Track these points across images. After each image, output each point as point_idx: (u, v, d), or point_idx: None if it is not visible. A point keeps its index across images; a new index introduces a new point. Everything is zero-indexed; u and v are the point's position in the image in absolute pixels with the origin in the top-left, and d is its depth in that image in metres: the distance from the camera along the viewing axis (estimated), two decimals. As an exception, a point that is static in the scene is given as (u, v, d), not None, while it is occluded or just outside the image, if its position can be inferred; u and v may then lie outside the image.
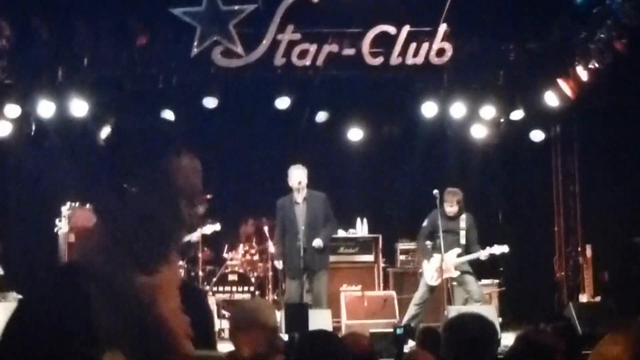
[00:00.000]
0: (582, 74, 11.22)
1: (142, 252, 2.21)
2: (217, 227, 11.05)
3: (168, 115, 11.64)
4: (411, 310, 10.55)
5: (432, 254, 10.46)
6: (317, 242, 10.27)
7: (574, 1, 11.33)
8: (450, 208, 10.38)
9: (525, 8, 11.30)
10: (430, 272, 10.46)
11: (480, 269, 11.01)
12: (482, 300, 10.46)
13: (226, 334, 9.23)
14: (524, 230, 12.35)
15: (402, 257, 12.25)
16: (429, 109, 11.79)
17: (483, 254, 10.35)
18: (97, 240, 2.16)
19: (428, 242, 10.69)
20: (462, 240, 10.43)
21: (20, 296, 10.67)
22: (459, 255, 10.41)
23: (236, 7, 10.98)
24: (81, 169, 11.79)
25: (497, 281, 11.88)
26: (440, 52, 11.18)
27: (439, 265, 10.24)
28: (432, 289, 10.51)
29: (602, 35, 10.84)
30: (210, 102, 11.48)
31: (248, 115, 12.15)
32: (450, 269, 10.35)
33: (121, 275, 2.18)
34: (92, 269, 2.17)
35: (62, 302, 2.17)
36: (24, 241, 11.82)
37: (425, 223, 10.63)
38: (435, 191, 10.34)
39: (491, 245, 10.41)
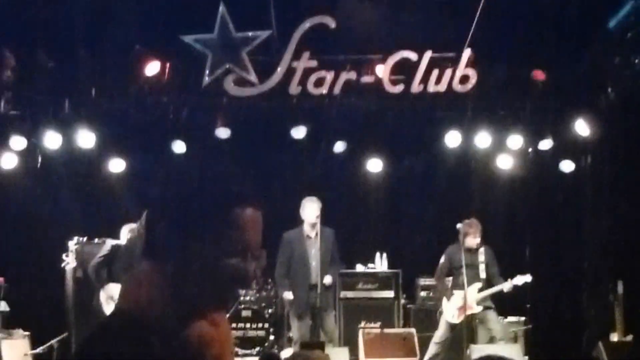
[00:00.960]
0: (615, 101, 10.67)
1: (205, 304, 2.12)
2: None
3: (179, 146, 11.23)
4: (432, 349, 10.20)
5: (453, 291, 10.09)
6: (328, 280, 9.97)
7: (607, 25, 10.78)
8: (474, 240, 10.02)
9: (554, 32, 10.89)
10: (451, 309, 10.09)
11: (506, 306, 10.67)
12: (505, 339, 10.15)
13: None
14: (552, 265, 11.81)
15: (423, 294, 11.86)
16: (452, 139, 11.41)
17: (506, 286, 9.95)
18: (155, 291, 2.05)
19: (448, 279, 10.32)
20: (482, 274, 10.07)
21: (26, 332, 10.42)
22: (480, 290, 10.03)
23: (250, 34, 10.79)
24: (88, 202, 11.45)
25: (523, 319, 11.44)
26: (464, 79, 10.90)
27: (461, 302, 9.85)
28: (453, 327, 10.12)
29: (637, 61, 10.28)
30: (222, 133, 11.20)
31: (262, 146, 11.84)
32: (472, 305, 9.96)
33: (187, 328, 2.08)
34: (153, 322, 2.04)
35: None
36: (30, 276, 11.48)
37: (443, 259, 10.29)
38: (459, 225, 10.02)
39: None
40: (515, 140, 11.43)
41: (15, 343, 10.34)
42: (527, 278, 9.92)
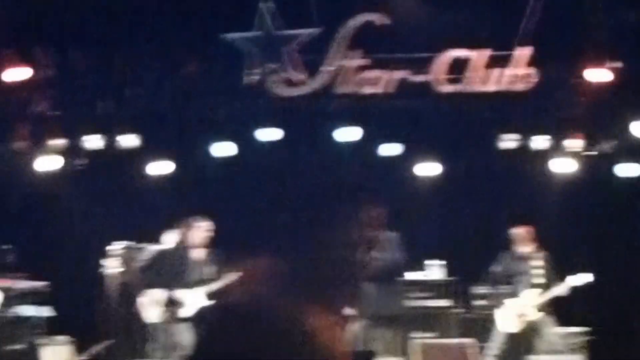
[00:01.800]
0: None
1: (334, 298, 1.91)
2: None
3: (221, 148, 11.01)
4: None
5: (508, 300, 9.89)
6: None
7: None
8: (524, 248, 9.87)
9: (616, 29, 10.55)
10: (507, 318, 9.85)
11: (568, 316, 10.32)
12: (565, 350, 9.88)
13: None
14: (615, 275, 11.31)
15: (480, 303, 11.35)
16: (508, 141, 11.17)
17: (563, 288, 9.69)
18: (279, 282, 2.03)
19: (502, 288, 10.08)
20: (539, 280, 9.82)
21: (70, 339, 10.30)
22: (540, 296, 9.79)
23: (294, 32, 10.55)
24: (131, 205, 11.47)
25: (586, 329, 10.87)
26: (521, 78, 10.58)
27: (518, 310, 9.66)
28: (510, 338, 9.84)
29: None
30: (265, 135, 11.03)
31: (307, 148, 11.65)
32: (530, 313, 9.72)
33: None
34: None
35: None
36: (73, 282, 11.36)
37: (494, 267, 10.11)
38: (515, 242, 9.97)
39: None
40: (574, 142, 11.12)
41: (58, 350, 10.26)
42: (589, 277, 9.65)
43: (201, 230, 9.59)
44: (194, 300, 9.42)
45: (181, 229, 9.78)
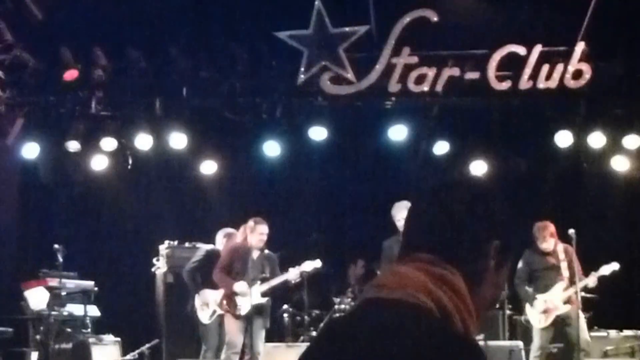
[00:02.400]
0: None
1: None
2: (317, 264, 9.95)
3: (272, 148, 10.86)
4: None
5: (535, 296, 9.67)
6: None
7: None
8: (545, 244, 9.61)
9: None
10: (537, 314, 9.68)
11: (622, 319, 10.27)
12: (588, 350, 9.52)
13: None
14: None
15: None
16: (563, 139, 10.86)
17: (591, 280, 9.51)
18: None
19: (528, 289, 9.84)
20: (565, 273, 9.57)
21: (117, 339, 10.28)
22: (565, 289, 9.55)
23: (347, 29, 10.42)
24: (180, 205, 11.29)
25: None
26: (577, 75, 10.32)
27: (545, 305, 9.54)
28: (544, 333, 9.63)
29: None
30: (318, 133, 10.84)
31: (359, 147, 11.50)
32: (559, 306, 9.53)
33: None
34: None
35: None
36: (121, 281, 11.38)
37: (520, 265, 9.81)
38: (571, 231, 9.45)
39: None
40: (632, 140, 10.81)
41: (106, 349, 10.27)
42: (614, 266, 9.41)
43: (259, 232, 9.50)
44: (250, 298, 9.33)
45: (241, 228, 9.69)
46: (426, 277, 1.72)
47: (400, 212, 9.33)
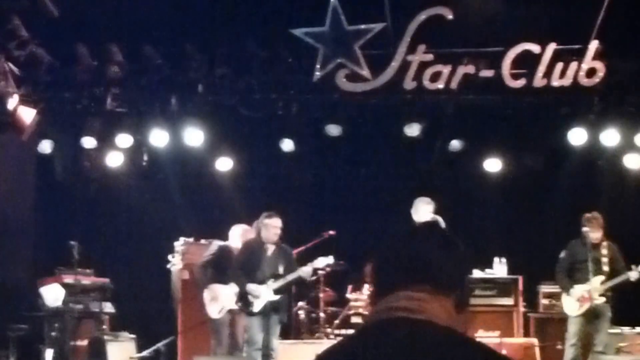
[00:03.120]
0: None
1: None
2: (329, 260, 10.01)
3: (287, 144, 10.87)
4: (568, 353, 9.73)
5: (573, 285, 9.71)
6: None
7: None
8: (594, 234, 9.64)
9: None
10: (572, 302, 9.73)
11: (634, 315, 10.23)
12: (608, 352, 9.64)
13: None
14: None
15: (545, 301, 11.32)
16: (577, 137, 10.87)
17: (633, 275, 9.53)
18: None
19: (567, 278, 9.90)
20: (605, 268, 9.64)
21: (132, 335, 10.28)
22: (603, 283, 9.61)
23: (362, 27, 10.38)
24: (196, 201, 11.36)
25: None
26: (591, 73, 10.28)
27: (583, 294, 9.58)
28: (577, 321, 9.69)
29: None
30: (333, 130, 10.88)
31: (374, 144, 11.58)
32: (595, 296, 9.59)
33: None
34: None
35: None
36: (136, 278, 11.38)
37: (563, 254, 9.89)
38: (585, 229, 9.58)
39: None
40: None
41: (121, 346, 10.28)
42: None
43: (272, 226, 9.51)
44: (264, 295, 9.35)
45: (254, 224, 9.72)
46: (434, 304, 1.99)
47: (425, 207, 9.46)
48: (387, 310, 2.01)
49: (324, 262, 9.92)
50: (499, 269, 11.28)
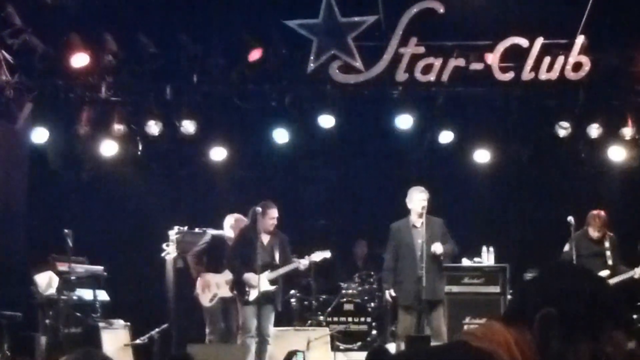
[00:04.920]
0: None
1: None
2: (326, 254, 10.15)
3: (281, 135, 10.98)
4: None
5: None
6: (438, 247, 9.57)
7: None
8: (596, 233, 9.95)
9: None
10: None
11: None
12: None
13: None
14: None
15: None
16: (563, 129, 11.07)
17: (638, 272, 9.78)
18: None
19: None
20: (609, 261, 9.92)
21: (126, 323, 10.35)
22: (609, 278, 9.69)
23: (356, 19, 10.57)
24: (190, 190, 11.62)
25: (635, 316, 10.86)
26: (577, 67, 10.55)
27: None
28: None
29: None
30: (326, 121, 11.02)
31: (366, 135, 11.76)
32: None
33: None
34: None
35: None
36: (130, 266, 11.46)
37: (566, 248, 10.10)
38: (570, 218, 9.83)
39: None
40: (628, 131, 11.05)
41: (115, 333, 10.31)
42: None
43: (269, 216, 9.63)
44: (260, 285, 9.47)
45: (249, 213, 9.83)
46: (511, 337, 1.87)
47: (420, 195, 9.63)
48: (463, 334, 1.99)
49: (320, 256, 10.05)
50: (487, 257, 11.45)
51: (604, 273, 9.73)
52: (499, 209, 12.52)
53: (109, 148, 11.11)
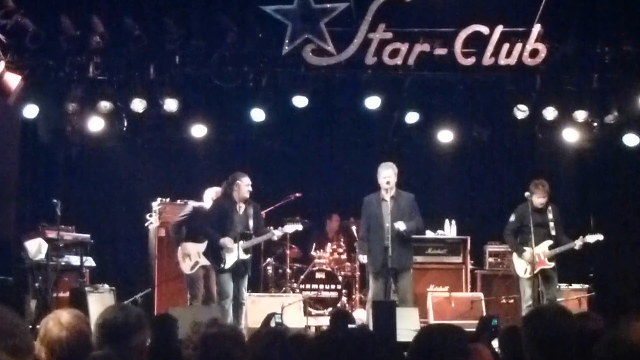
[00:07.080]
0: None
1: None
2: (298, 226, 10.61)
3: (258, 114, 11.50)
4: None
5: (524, 248, 10.24)
6: (400, 225, 9.91)
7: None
8: (541, 199, 10.19)
9: (621, 9, 10.95)
10: (523, 265, 10.27)
11: (569, 273, 10.92)
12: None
13: (312, 331, 9.45)
14: (616, 237, 11.85)
15: (490, 259, 12.05)
16: (521, 111, 11.50)
17: (577, 244, 10.12)
18: None
19: (516, 240, 10.47)
20: (553, 232, 10.24)
21: (112, 287, 10.77)
22: (551, 247, 10.21)
23: (328, 5, 10.89)
24: (172, 164, 11.93)
25: (587, 286, 11.51)
26: (534, 53, 10.93)
27: (532, 258, 10.06)
28: (532, 284, 10.19)
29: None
30: (300, 101, 11.39)
31: (338, 115, 12.17)
32: (544, 261, 10.18)
33: None
34: None
35: None
36: (115, 234, 11.93)
37: (512, 218, 10.44)
38: (527, 193, 10.18)
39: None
40: (582, 114, 11.50)
41: (101, 297, 10.51)
42: (599, 236, 10.10)
43: (245, 184, 10.08)
44: (235, 252, 9.93)
45: (224, 184, 10.28)
46: None
47: (384, 172, 10.13)
48: None
49: (293, 228, 10.50)
50: (449, 230, 12.05)
51: (547, 243, 10.16)
52: (461, 185, 13.02)
53: (96, 124, 11.42)
